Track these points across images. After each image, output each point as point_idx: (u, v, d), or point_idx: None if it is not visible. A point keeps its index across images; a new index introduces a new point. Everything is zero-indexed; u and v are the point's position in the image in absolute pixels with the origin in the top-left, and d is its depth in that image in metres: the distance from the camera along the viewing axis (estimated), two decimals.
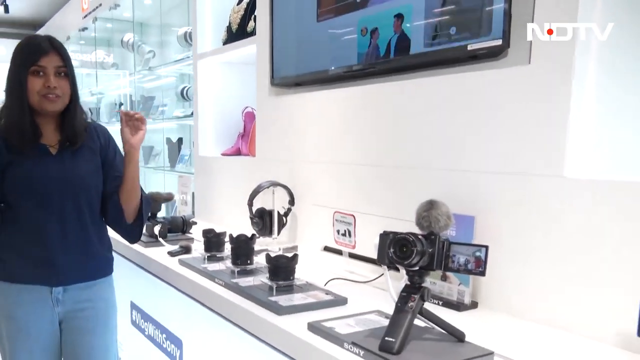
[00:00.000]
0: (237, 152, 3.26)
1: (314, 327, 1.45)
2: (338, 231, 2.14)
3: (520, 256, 1.57)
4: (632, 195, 1.33)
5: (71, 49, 6.24)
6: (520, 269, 1.58)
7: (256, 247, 2.11)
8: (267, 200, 2.52)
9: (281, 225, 2.52)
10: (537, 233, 1.53)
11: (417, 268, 1.30)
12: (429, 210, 1.30)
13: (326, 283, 1.91)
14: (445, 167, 1.80)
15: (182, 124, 4.53)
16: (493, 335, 1.42)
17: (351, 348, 1.31)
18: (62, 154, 1.88)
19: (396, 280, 1.39)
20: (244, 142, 3.20)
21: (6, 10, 7.37)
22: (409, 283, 1.33)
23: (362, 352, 1.28)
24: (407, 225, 1.41)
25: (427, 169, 1.86)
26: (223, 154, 3.31)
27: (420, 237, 1.29)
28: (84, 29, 5.94)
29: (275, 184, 2.50)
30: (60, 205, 1.85)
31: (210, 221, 3.24)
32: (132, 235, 2.05)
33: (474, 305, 1.68)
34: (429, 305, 1.68)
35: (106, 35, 6.15)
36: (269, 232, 2.50)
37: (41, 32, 8.51)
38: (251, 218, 2.50)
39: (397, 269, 1.36)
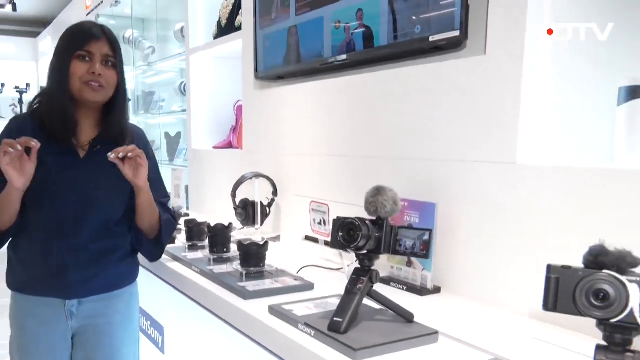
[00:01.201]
0: (229, 145, 3.32)
1: (273, 310, 1.51)
2: (314, 220, 2.19)
3: (477, 240, 1.62)
4: (577, 180, 1.37)
5: None
6: (476, 254, 1.63)
7: (240, 237, 2.17)
8: (253, 191, 2.58)
9: (264, 215, 2.58)
10: (491, 218, 1.58)
11: (365, 252, 1.35)
12: (375, 196, 1.35)
13: (299, 270, 1.96)
14: (410, 157, 1.84)
15: (181, 118, 4.59)
16: (445, 317, 1.47)
17: (304, 329, 1.37)
18: (91, 157, 1.72)
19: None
20: (235, 135, 3.27)
21: (14, 8, 7.49)
22: (359, 267, 1.38)
23: (313, 332, 1.34)
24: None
25: (394, 158, 1.91)
26: (215, 147, 3.38)
27: (367, 222, 1.35)
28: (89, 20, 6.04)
29: (258, 175, 2.56)
30: (80, 215, 1.70)
31: (203, 212, 3.31)
32: (150, 253, 1.89)
33: (436, 290, 1.72)
34: (393, 290, 1.75)
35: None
36: (252, 222, 2.56)
37: (48, 30, 8.65)
38: (235, 209, 2.56)
39: None
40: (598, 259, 0.86)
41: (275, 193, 2.58)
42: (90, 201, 1.70)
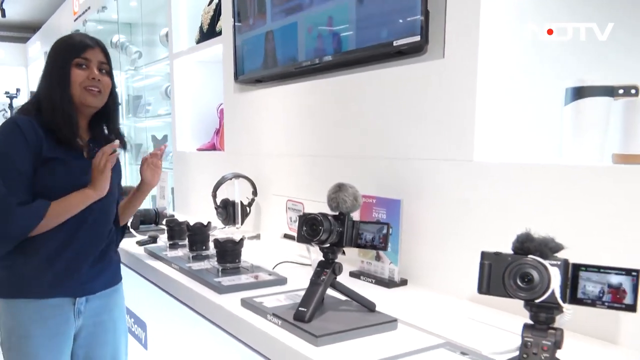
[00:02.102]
0: (213, 147, 3.40)
1: (245, 302, 1.59)
2: (291, 218, 2.28)
3: (438, 234, 1.71)
4: (529, 176, 1.46)
5: None
6: (438, 247, 1.71)
7: (221, 236, 2.24)
8: (233, 192, 2.66)
9: (245, 215, 2.66)
10: (451, 213, 1.67)
11: (328, 245, 1.43)
12: (336, 193, 1.43)
13: (274, 266, 2.04)
14: (377, 155, 1.93)
15: (168, 121, 4.67)
16: (407, 307, 1.56)
17: (272, 319, 1.45)
18: (92, 157, 1.77)
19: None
20: (218, 137, 3.35)
21: (3, 14, 7.54)
22: (323, 259, 1.46)
23: (280, 322, 1.42)
24: None
25: (363, 157, 2.00)
26: (199, 149, 3.45)
27: (330, 217, 1.43)
28: (75, 31, 6.10)
29: (238, 176, 2.64)
30: (91, 211, 1.76)
31: (188, 214, 3.39)
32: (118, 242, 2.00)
33: (403, 282, 1.81)
34: (363, 283, 1.84)
35: (98, 36, 6.29)
36: (233, 222, 2.64)
37: (37, 35, 8.71)
38: (216, 208, 2.64)
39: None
40: (524, 245, 0.95)
41: (255, 193, 2.66)
42: (101, 199, 1.77)
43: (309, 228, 1.41)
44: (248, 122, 2.76)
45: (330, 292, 1.52)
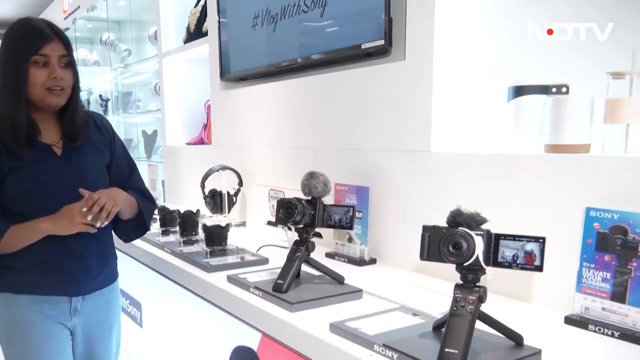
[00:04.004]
0: (201, 141, 3.59)
1: (231, 278, 1.80)
2: (273, 206, 2.49)
3: (401, 217, 1.93)
4: (478, 164, 1.68)
5: None
6: (400, 229, 1.93)
7: (209, 223, 2.45)
8: (220, 182, 2.87)
9: (231, 204, 2.87)
10: (410, 198, 1.89)
11: (302, 226, 1.65)
12: (309, 180, 1.65)
13: (258, 249, 2.25)
14: (349, 147, 2.15)
15: (157, 117, 4.85)
16: (371, 281, 1.77)
17: (254, 291, 1.66)
18: (67, 153, 1.73)
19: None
20: (206, 132, 3.54)
21: None
22: (298, 239, 1.67)
23: (261, 294, 1.63)
24: None
25: (336, 149, 2.21)
26: (187, 143, 3.65)
27: (303, 201, 1.64)
28: (66, 29, 6.25)
29: (224, 168, 2.85)
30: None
31: (180, 205, 3.55)
32: (127, 235, 1.95)
33: (372, 261, 2.02)
34: (337, 262, 2.04)
35: (88, 34, 6.45)
36: (220, 211, 2.84)
37: None
38: (204, 198, 2.84)
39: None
40: (455, 218, 1.16)
41: (240, 183, 2.86)
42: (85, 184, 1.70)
43: (285, 211, 1.62)
44: (233, 117, 2.96)
45: (306, 269, 1.74)
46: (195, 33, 3.37)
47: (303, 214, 1.62)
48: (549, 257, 1.13)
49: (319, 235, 2.01)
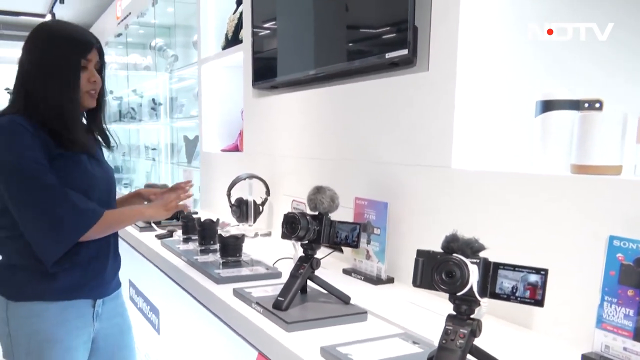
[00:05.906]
0: (236, 148, 3.57)
1: (236, 292, 1.74)
2: None
3: (419, 235, 1.82)
4: (501, 182, 1.56)
5: (109, 52, 6.78)
6: (420, 247, 1.81)
7: (234, 232, 2.40)
8: (248, 191, 2.82)
9: (257, 213, 2.82)
10: (430, 215, 1.78)
11: (306, 242, 1.57)
12: (315, 194, 1.57)
13: (275, 262, 2.18)
14: (371, 160, 2.06)
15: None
16: (383, 302, 1.68)
17: (255, 307, 1.59)
18: (95, 154, 1.77)
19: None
20: (241, 139, 3.52)
21: (53, 18, 7.96)
22: (303, 255, 1.60)
23: (261, 310, 1.56)
24: (341, 209, 1.67)
25: (358, 160, 2.13)
26: (223, 150, 3.63)
27: (308, 216, 1.57)
28: (119, 34, 6.41)
29: (252, 176, 2.80)
30: (110, 206, 1.77)
31: (213, 211, 3.56)
32: None
33: (390, 280, 1.92)
34: (352, 279, 1.96)
35: (141, 40, 6.59)
36: (246, 219, 2.80)
37: None
38: (230, 206, 2.81)
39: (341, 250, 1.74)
40: (450, 244, 1.06)
41: (267, 192, 2.81)
42: (113, 189, 1.82)
43: (289, 226, 1.55)
44: (264, 125, 2.92)
45: (314, 286, 1.66)
46: (233, 40, 3.35)
47: (307, 229, 1.54)
48: (569, 287, 1.02)
49: (340, 250, 1.93)
